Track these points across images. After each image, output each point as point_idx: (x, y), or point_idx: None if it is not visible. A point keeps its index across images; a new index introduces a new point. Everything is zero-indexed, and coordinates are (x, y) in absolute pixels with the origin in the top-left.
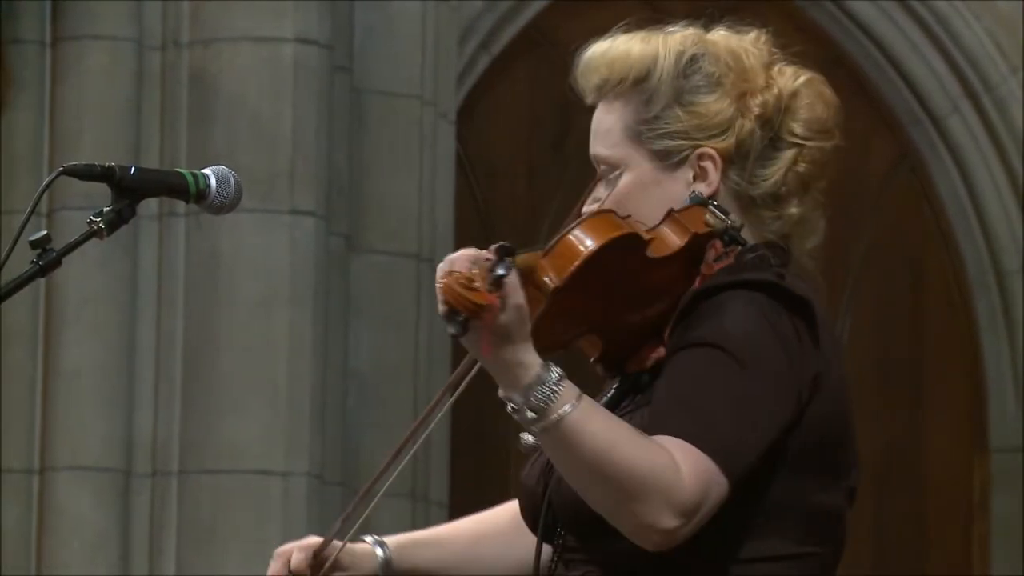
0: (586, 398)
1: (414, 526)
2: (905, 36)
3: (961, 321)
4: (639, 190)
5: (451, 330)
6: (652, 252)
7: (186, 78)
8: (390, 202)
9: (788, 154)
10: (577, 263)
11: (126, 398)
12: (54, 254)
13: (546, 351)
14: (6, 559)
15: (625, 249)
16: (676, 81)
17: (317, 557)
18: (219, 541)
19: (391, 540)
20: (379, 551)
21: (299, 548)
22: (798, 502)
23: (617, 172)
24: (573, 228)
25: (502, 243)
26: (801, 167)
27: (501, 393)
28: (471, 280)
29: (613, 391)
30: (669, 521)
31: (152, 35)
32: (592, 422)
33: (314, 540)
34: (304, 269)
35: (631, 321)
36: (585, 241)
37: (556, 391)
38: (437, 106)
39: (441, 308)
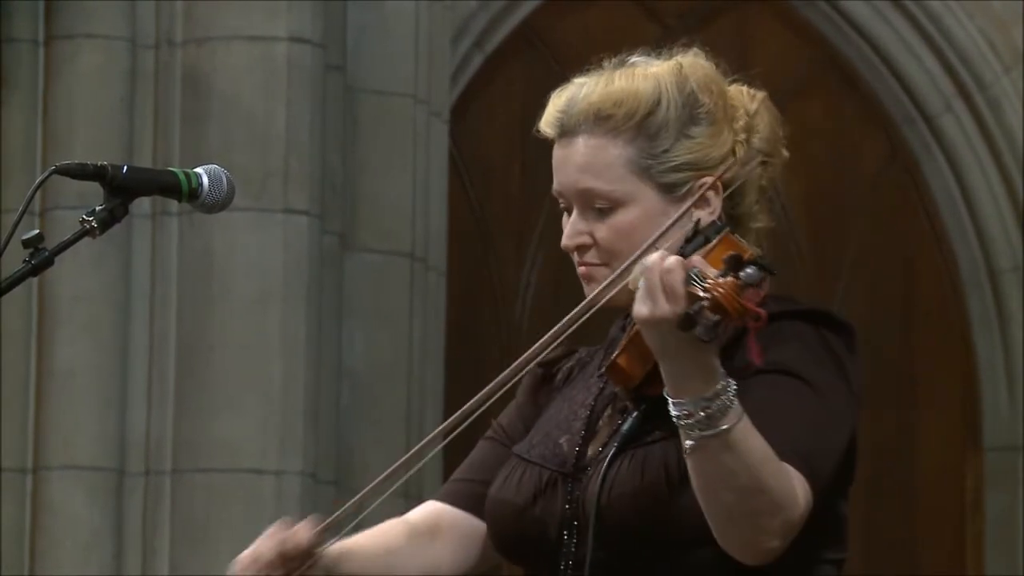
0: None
1: None
2: (898, 35)
3: (954, 320)
4: (647, 222)
5: (701, 330)
6: None
7: (179, 77)
8: (384, 201)
9: (756, 172)
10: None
11: (119, 397)
12: (47, 253)
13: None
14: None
15: None
16: (681, 114)
17: (308, 552)
18: (212, 540)
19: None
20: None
21: (293, 536)
22: (839, 510)
23: (608, 205)
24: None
25: (733, 254)
26: (764, 182)
27: (672, 395)
28: (740, 288)
29: (636, 414)
30: (778, 541)
31: (145, 34)
32: (751, 437)
33: (305, 535)
34: (298, 268)
35: None
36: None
37: (733, 402)
38: (431, 105)
39: (703, 312)
